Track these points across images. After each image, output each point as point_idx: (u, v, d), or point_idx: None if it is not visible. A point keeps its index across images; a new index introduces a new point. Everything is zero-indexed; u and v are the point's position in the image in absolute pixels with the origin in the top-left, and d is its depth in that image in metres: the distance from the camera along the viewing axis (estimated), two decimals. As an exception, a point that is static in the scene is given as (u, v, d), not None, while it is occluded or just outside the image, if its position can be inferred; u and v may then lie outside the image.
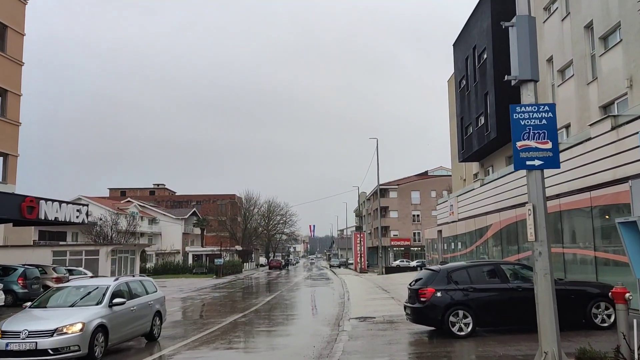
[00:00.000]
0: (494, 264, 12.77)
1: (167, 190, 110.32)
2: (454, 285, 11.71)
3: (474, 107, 32.64)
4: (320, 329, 14.71)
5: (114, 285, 11.85)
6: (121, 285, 12.17)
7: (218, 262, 56.56)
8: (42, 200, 24.01)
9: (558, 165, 7.95)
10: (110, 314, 11.06)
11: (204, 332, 14.58)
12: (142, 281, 13.54)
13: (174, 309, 22.45)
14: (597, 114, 19.63)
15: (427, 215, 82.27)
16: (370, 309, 18.37)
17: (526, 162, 7.86)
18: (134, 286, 12.81)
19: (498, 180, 25.05)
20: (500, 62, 28.08)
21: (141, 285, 13.21)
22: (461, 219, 31.25)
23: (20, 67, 30.05)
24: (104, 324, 10.72)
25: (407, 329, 13.02)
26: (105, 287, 11.69)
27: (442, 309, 11.44)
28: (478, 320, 11.43)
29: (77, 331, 10.08)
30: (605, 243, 15.39)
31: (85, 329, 10.20)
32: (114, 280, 12.32)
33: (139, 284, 13.20)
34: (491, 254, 25.56)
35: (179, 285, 39.90)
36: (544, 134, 7.87)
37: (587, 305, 11.51)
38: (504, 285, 11.72)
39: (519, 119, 7.92)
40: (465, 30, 34.44)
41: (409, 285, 12.79)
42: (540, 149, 7.85)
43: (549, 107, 7.96)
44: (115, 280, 12.23)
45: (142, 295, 12.85)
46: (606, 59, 19.60)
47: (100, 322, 10.64)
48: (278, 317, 18.57)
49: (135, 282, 13.06)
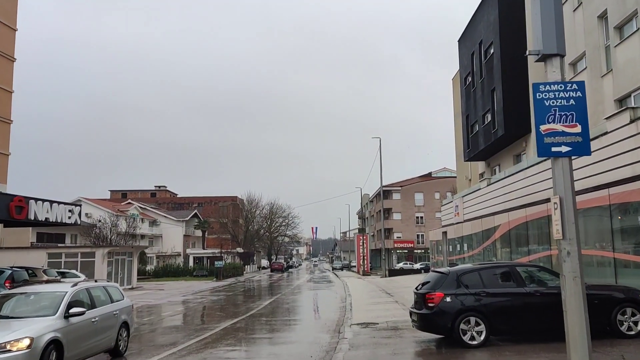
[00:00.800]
0: (508, 266, 11.67)
1: (169, 192, 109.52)
2: (464, 290, 10.65)
3: (480, 104, 31.61)
4: (319, 336, 13.66)
5: (71, 292, 10.01)
6: (80, 292, 10.36)
7: (218, 265, 55.70)
8: (32, 200, 23.12)
9: (589, 151, 6.90)
10: (66, 327, 9.27)
11: (194, 339, 13.57)
12: (106, 287, 11.76)
13: (168, 314, 21.50)
14: (613, 107, 18.63)
15: (431, 217, 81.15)
16: (373, 314, 17.34)
17: (551, 148, 6.81)
18: (96, 293, 11.01)
19: (506, 179, 24.04)
20: (507, 56, 27.13)
21: (105, 292, 11.41)
22: (467, 219, 30.22)
23: (12, 63, 29.13)
24: (57, 339, 8.89)
25: (412, 337, 11.98)
26: (60, 295, 9.84)
27: (452, 315, 10.38)
28: (492, 328, 10.36)
29: (23, 348, 8.27)
30: (625, 243, 14.33)
31: (34, 345, 8.40)
32: (71, 286, 10.45)
33: (102, 290, 11.40)
34: (499, 256, 24.52)
35: (177, 288, 38.97)
36: (572, 116, 6.83)
37: (612, 312, 10.43)
38: (520, 290, 10.64)
39: (542, 99, 6.89)
40: (470, 25, 33.43)
41: (415, 289, 11.73)
42: (568, 133, 6.81)
43: (577, 85, 6.92)
44: (73, 287, 10.37)
45: (105, 303, 11.07)
46: (622, 49, 18.60)
47: (54, 337, 8.82)
48: (274, 322, 17.54)
49: (97, 289, 11.27)
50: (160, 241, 79.47)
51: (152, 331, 16.24)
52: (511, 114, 26.78)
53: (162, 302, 26.85)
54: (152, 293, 34.49)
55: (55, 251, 38.50)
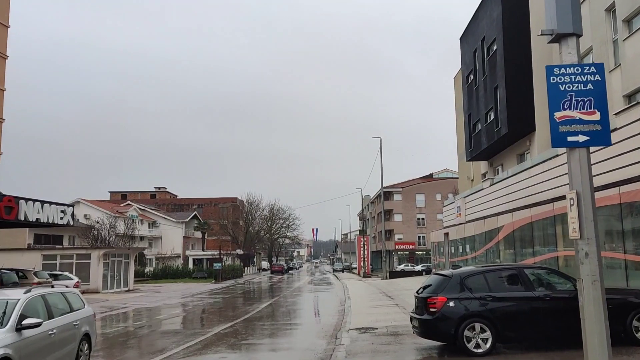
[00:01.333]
0: (515, 268, 10.95)
1: (169, 194, 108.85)
2: (469, 293, 9.94)
3: (482, 103, 30.92)
4: (314, 343, 12.94)
5: (24, 299, 8.47)
6: (35, 300, 8.80)
7: (217, 267, 55.06)
8: (22, 200, 22.44)
9: (609, 141, 6.24)
10: (18, 341, 7.77)
11: (183, 345, 12.85)
12: (65, 294, 10.11)
13: (162, 317, 20.83)
14: (621, 103, 17.94)
15: (432, 218, 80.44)
16: (372, 317, 16.63)
17: (567, 137, 6.14)
18: (54, 301, 9.41)
19: (510, 179, 23.37)
20: (511, 52, 26.47)
21: (63, 300, 9.80)
22: (469, 220, 29.53)
23: (4, 61, 28.57)
24: (8, 357, 7.56)
25: (413, 344, 11.27)
26: (11, 303, 8.26)
27: (456, 321, 9.66)
28: (498, 335, 9.63)
29: None
30: (637, 244, 13.62)
31: None
32: (24, 292, 8.83)
33: (60, 298, 9.78)
34: (503, 258, 23.81)
35: (174, 291, 38.31)
36: (590, 102, 6.16)
37: (627, 317, 9.72)
38: (529, 294, 9.91)
39: (557, 83, 6.22)
40: (473, 22, 32.75)
41: (416, 293, 11.01)
42: (585, 120, 6.14)
43: (596, 68, 6.25)
44: (26, 293, 8.77)
45: (64, 312, 9.51)
46: (631, 43, 17.92)
47: (3, 354, 7.50)
48: (269, 327, 16.82)
49: (55, 296, 9.63)
50: (159, 243, 78.88)
51: (141, 336, 15.54)
52: (515, 112, 26.09)
53: (156, 305, 26.16)
54: (148, 295, 33.82)
55: (50, 253, 37.89)
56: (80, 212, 63.61)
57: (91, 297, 31.41)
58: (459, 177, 45.53)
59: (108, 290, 36.72)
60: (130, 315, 22.27)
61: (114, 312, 23.32)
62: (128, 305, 26.58)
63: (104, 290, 36.04)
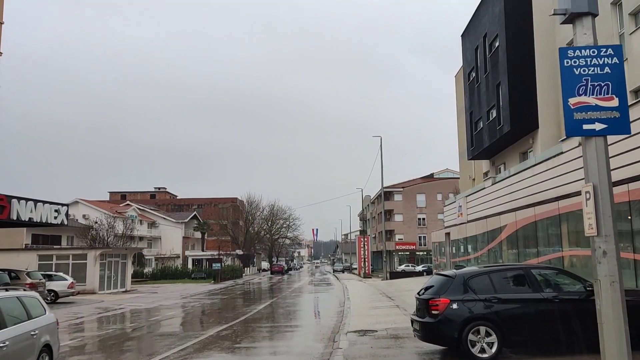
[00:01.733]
0: (522, 269, 10.41)
1: (168, 194, 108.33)
2: (473, 295, 9.42)
3: (484, 100, 30.40)
4: (311, 346, 12.43)
5: None
6: None
7: (216, 267, 54.59)
8: (15, 199, 21.95)
9: (628, 129, 5.74)
10: None
11: (175, 348, 12.34)
12: (22, 299, 8.62)
13: (157, 318, 20.33)
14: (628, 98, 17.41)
15: (433, 218, 79.87)
16: (371, 319, 16.12)
17: (583, 125, 5.64)
18: (8, 307, 7.99)
19: (513, 177, 22.86)
20: (514, 48, 25.95)
21: (20, 306, 8.38)
22: (471, 220, 29.02)
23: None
24: None
25: (414, 348, 10.76)
26: None
27: (459, 324, 9.14)
28: (505, 339, 9.10)
29: None
30: (647, 244, 13.12)
31: None
32: None
33: (16, 303, 8.35)
34: (506, 258, 23.30)
35: (172, 291, 37.83)
36: (608, 87, 5.67)
37: (641, 320, 9.20)
38: (537, 295, 9.38)
39: (571, 67, 5.72)
40: (474, 19, 32.24)
41: (418, 295, 10.48)
42: (602, 107, 5.64)
43: (613, 50, 5.77)
44: None
45: (20, 320, 8.14)
46: (637, 37, 17.47)
47: None
48: (265, 329, 16.31)
49: (8, 301, 8.15)
50: (159, 243, 78.40)
51: (133, 338, 15.03)
52: (517, 109, 25.56)
53: (153, 306, 25.65)
54: (145, 296, 33.32)
55: (46, 253, 37.40)
56: (79, 212, 63.17)
57: (87, 298, 30.94)
58: (460, 176, 45.02)
59: (105, 291, 36.23)
60: (125, 316, 21.77)
61: (109, 313, 22.83)
62: (124, 306, 26.08)
63: (100, 291, 35.55)
